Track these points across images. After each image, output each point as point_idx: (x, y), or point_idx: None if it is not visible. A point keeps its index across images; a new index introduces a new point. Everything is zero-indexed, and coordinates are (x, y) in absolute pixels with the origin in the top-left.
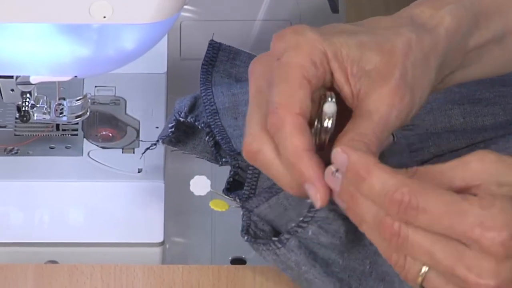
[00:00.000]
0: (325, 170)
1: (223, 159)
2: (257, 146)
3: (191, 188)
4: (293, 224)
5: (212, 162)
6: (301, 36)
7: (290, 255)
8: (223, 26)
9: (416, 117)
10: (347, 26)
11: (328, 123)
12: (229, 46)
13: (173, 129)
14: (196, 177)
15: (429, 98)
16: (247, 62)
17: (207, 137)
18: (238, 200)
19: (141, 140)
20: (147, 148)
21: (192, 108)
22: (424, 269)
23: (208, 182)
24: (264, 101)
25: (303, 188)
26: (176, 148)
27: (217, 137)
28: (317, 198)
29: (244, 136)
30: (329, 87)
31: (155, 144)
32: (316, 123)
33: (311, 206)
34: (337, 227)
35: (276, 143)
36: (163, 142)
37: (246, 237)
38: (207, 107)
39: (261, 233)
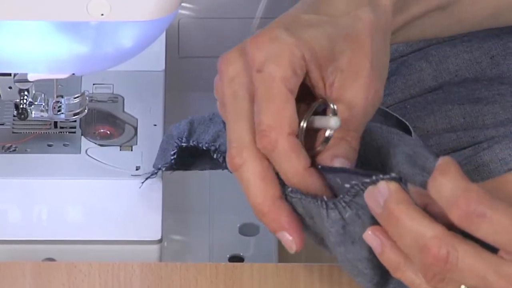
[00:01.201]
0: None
1: None
2: (240, 161)
3: None
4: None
5: (213, 169)
6: (278, 44)
7: (327, 220)
8: (222, 24)
9: (417, 119)
10: (312, 18)
11: (330, 133)
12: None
13: (175, 156)
14: None
15: (429, 98)
16: None
17: (215, 155)
18: None
19: (139, 174)
20: (147, 178)
21: (190, 132)
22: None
23: None
24: (243, 109)
25: (272, 213)
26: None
27: None
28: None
29: (227, 147)
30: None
31: (156, 173)
32: (302, 124)
33: (348, 190)
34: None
35: (268, 160)
36: (165, 169)
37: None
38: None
39: None
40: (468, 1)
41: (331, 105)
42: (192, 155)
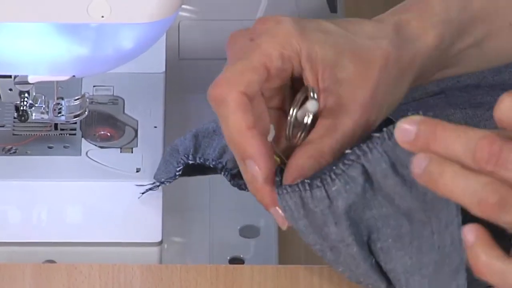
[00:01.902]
0: (268, 151)
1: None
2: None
3: None
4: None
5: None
6: (281, 27)
7: (311, 201)
8: (222, 25)
9: None
10: (331, 27)
11: (308, 119)
12: None
13: (180, 172)
14: None
15: (431, 102)
16: None
17: (222, 172)
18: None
19: (142, 185)
20: (149, 189)
21: (196, 147)
22: None
23: (272, 126)
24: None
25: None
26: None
27: None
28: (258, 173)
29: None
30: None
31: (158, 186)
32: (291, 115)
33: (345, 160)
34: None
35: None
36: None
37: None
38: None
39: None
40: (503, 35)
41: (311, 93)
42: (194, 165)
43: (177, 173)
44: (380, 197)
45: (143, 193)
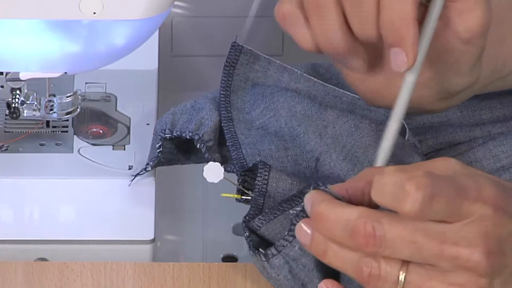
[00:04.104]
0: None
1: (227, 167)
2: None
3: (204, 174)
4: (281, 240)
5: (196, 163)
6: None
7: (271, 271)
8: (215, 22)
9: None
10: None
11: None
12: (250, 50)
13: (161, 149)
14: (210, 163)
15: None
16: (265, 67)
17: (198, 144)
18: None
19: (132, 176)
20: (138, 174)
21: (173, 124)
22: (402, 275)
23: (222, 169)
24: None
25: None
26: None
27: (227, 143)
28: (403, 63)
29: None
30: None
31: (145, 170)
32: None
33: (297, 215)
34: None
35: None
36: (153, 166)
37: (246, 233)
38: (223, 112)
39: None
40: None
41: None
42: (182, 148)
43: (158, 151)
44: None
45: (131, 180)
